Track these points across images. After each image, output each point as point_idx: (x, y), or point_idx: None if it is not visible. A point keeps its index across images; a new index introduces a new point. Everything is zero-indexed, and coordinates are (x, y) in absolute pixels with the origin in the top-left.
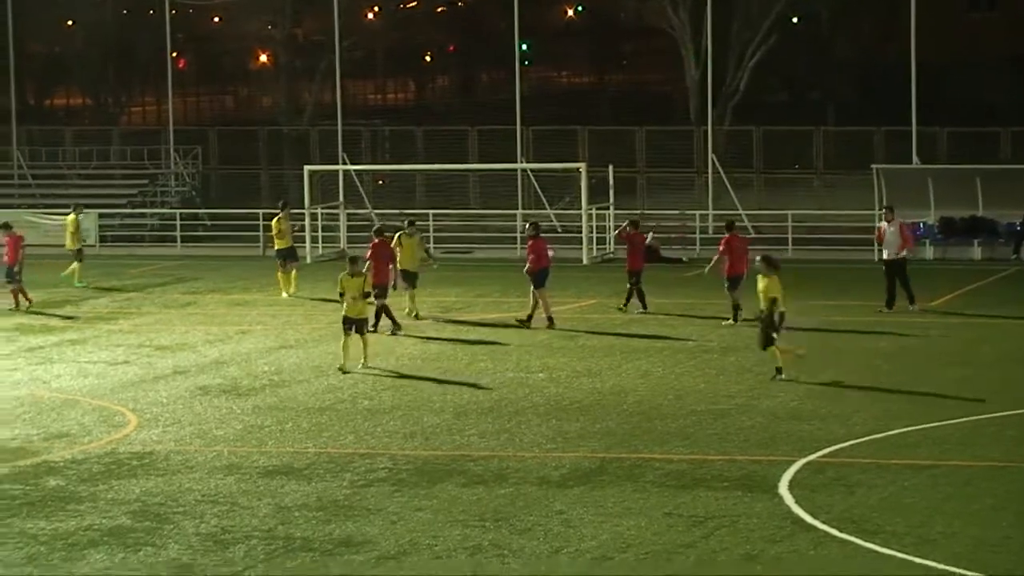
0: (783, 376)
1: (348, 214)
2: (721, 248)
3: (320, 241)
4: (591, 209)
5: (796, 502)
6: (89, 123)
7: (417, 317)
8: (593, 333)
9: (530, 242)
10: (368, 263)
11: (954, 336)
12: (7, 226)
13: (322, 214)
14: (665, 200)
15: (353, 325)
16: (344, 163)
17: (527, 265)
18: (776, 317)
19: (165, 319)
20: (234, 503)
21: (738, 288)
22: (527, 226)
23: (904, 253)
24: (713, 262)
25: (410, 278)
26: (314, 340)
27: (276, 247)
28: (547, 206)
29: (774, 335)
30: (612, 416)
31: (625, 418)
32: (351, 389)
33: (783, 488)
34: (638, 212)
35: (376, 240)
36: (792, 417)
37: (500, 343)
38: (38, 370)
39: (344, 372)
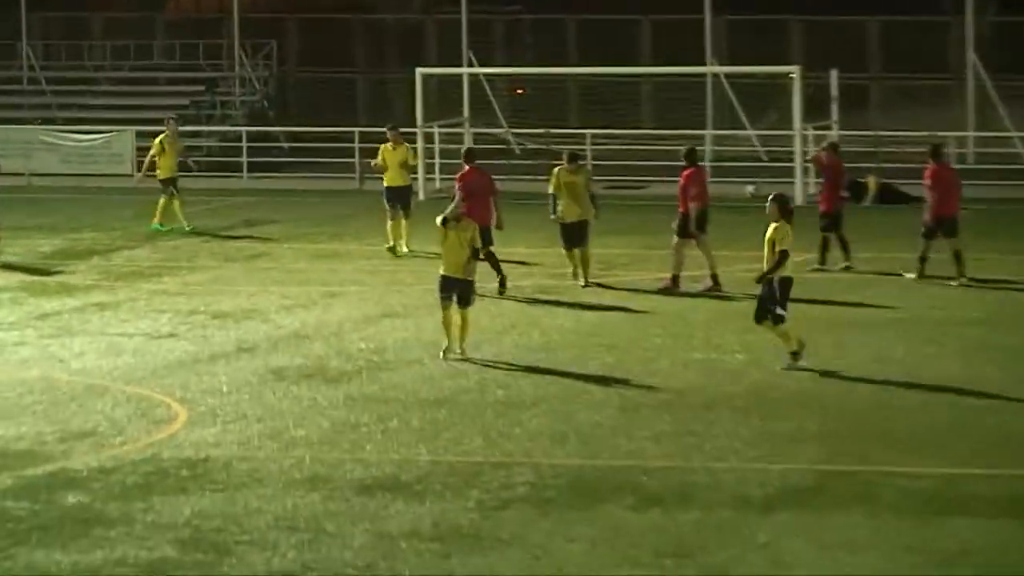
0: (802, 362)
1: (475, 134)
2: (927, 182)
3: (437, 171)
4: (807, 129)
5: None
6: (125, 9)
7: (586, 283)
8: (806, 302)
9: (687, 172)
10: (460, 202)
11: None
12: None
13: (440, 135)
14: (908, 116)
15: (454, 289)
16: (470, 65)
17: (692, 204)
18: (776, 284)
19: (226, 276)
20: (319, 529)
21: (952, 233)
22: (684, 153)
23: None
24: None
25: (577, 233)
26: (428, 306)
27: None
28: (746, 125)
29: (778, 309)
30: (835, 413)
31: (854, 416)
32: (478, 375)
33: None
34: (870, 134)
35: (468, 168)
36: None
37: (682, 313)
38: (53, 345)
39: (448, 357)
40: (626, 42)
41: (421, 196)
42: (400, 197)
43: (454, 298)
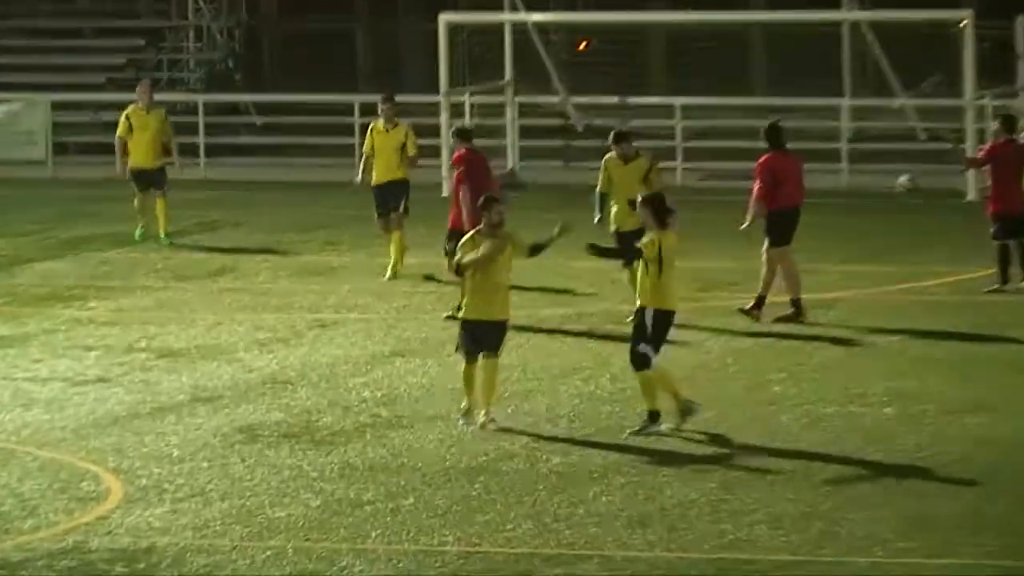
0: (661, 426)
1: (522, 104)
2: (981, 156)
3: None
4: (983, 97)
5: None
6: None
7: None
8: (973, 338)
9: (764, 158)
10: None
11: None
12: None
13: (473, 105)
14: None
15: (488, 339)
16: (514, 9)
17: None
18: (649, 314)
19: (176, 300)
20: None
21: (1009, 232)
22: (766, 130)
23: None
24: None
25: (626, 245)
26: (453, 339)
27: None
28: (895, 91)
29: (641, 346)
30: (1021, 491)
31: None
32: (525, 436)
33: None
34: None
35: (463, 150)
36: None
37: (809, 351)
38: None
39: (472, 422)
40: None
41: (445, 192)
42: (392, 197)
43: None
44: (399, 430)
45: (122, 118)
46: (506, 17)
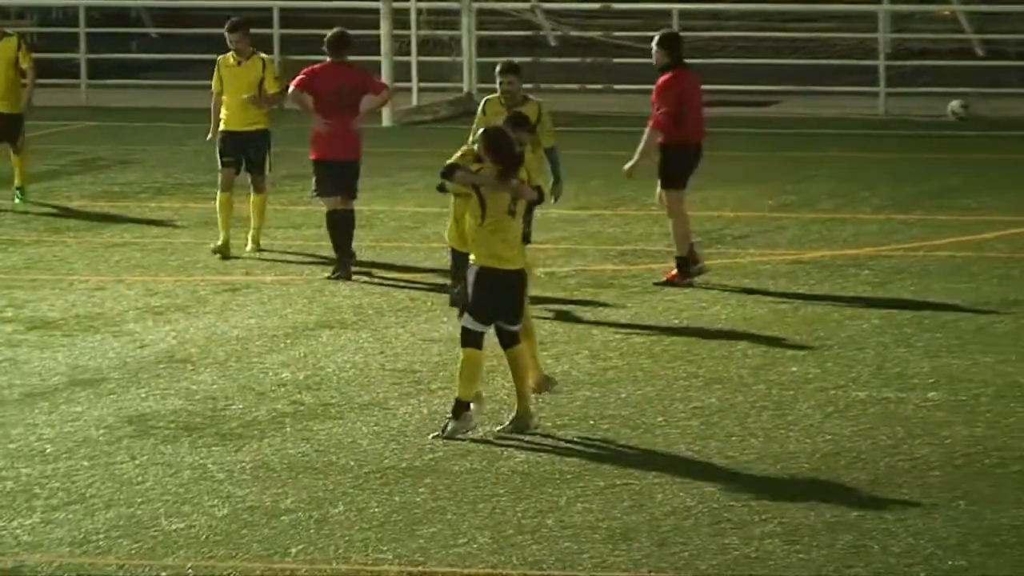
0: (470, 422)
1: (481, 12)
2: None
3: (415, 77)
4: None
5: None
6: None
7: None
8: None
9: (666, 77)
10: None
11: None
12: None
13: (421, 11)
14: None
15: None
16: None
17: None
18: (473, 274)
19: (50, 258)
20: None
21: None
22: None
23: None
24: None
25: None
26: (398, 310)
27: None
28: None
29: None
30: None
31: None
32: (482, 428)
33: None
34: None
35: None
36: None
37: (837, 319)
38: None
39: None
40: None
41: (386, 121)
42: (244, 148)
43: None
44: (326, 421)
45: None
46: None
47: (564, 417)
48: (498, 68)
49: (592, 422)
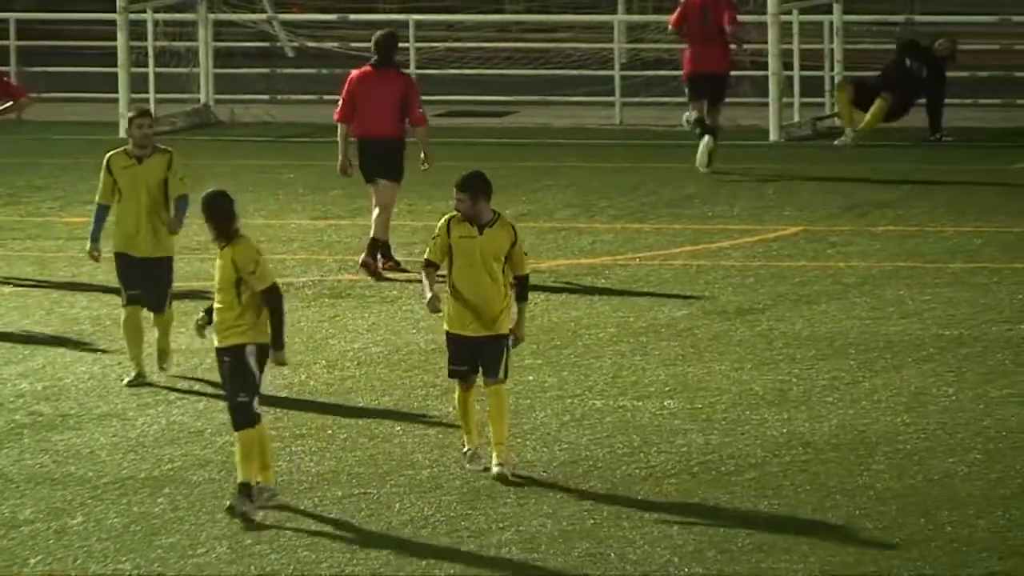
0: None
1: (216, 23)
2: None
3: (152, 88)
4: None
5: None
6: None
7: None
8: (771, 313)
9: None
10: None
11: None
12: None
13: (157, 23)
14: None
15: (479, 354)
16: None
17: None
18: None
19: None
20: None
21: None
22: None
23: None
24: None
25: None
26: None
27: None
28: None
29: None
30: (857, 476)
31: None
32: (216, 436)
33: None
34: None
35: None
36: None
37: (568, 326)
38: None
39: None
40: None
41: (122, 133)
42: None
43: (477, 369)
44: (64, 432)
45: None
46: None
47: (302, 428)
48: (129, 113)
49: (330, 432)
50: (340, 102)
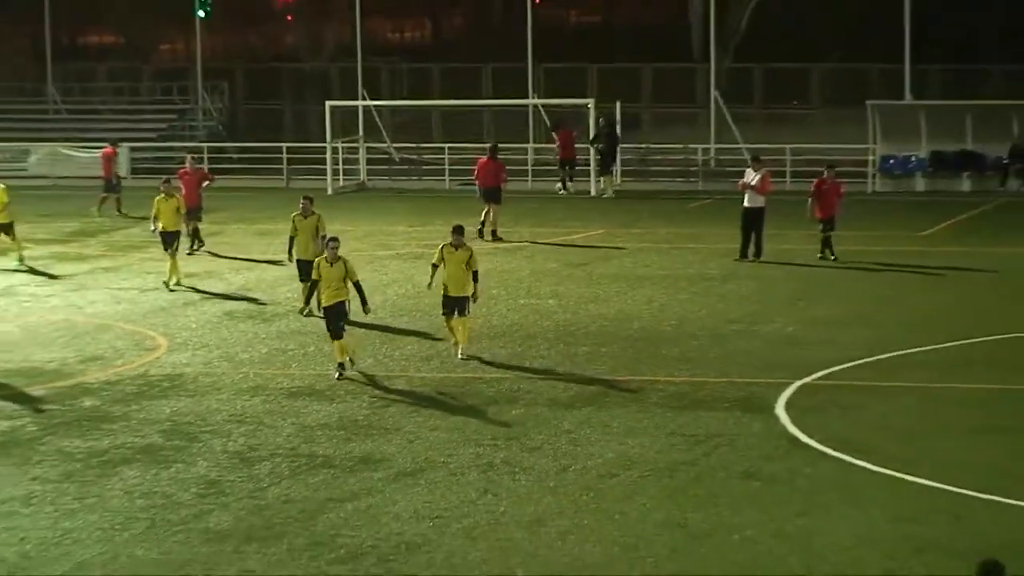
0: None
1: (368, 147)
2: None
3: (341, 174)
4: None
5: (792, 422)
6: (121, 61)
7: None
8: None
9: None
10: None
11: (943, 264)
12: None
13: (343, 148)
14: (670, 134)
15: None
16: (364, 99)
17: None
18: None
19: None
20: (260, 423)
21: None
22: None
23: (762, 202)
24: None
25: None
26: None
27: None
28: (554, 138)
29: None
30: (617, 341)
31: (630, 343)
32: (370, 316)
33: (780, 409)
34: (643, 146)
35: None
36: (789, 343)
37: (512, 271)
38: (73, 296)
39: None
40: (473, 82)
41: (329, 191)
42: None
43: (455, 311)
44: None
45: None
46: (359, 103)
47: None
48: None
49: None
50: (476, 171)
